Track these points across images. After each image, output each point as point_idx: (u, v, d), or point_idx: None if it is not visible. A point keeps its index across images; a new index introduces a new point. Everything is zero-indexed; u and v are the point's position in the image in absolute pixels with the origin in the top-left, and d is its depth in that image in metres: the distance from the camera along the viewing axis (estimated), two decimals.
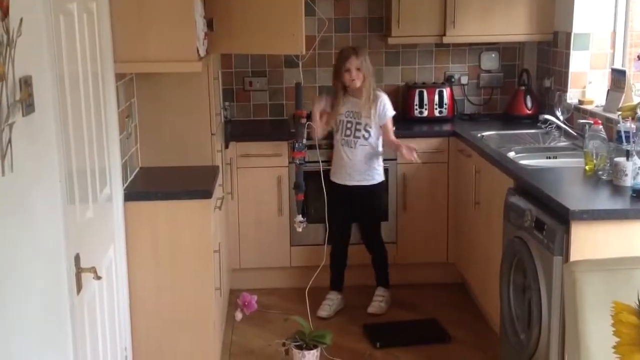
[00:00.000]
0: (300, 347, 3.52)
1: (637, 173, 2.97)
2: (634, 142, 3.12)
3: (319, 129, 3.97)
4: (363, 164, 4.06)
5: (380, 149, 4.11)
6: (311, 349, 3.52)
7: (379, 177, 4.14)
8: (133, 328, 3.17)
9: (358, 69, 3.95)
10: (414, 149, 3.97)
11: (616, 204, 2.85)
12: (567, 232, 2.78)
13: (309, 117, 3.90)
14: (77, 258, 2.29)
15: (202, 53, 3.15)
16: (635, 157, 2.99)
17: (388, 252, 4.31)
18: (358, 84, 3.97)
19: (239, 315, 3.62)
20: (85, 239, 2.46)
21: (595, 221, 2.75)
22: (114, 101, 2.95)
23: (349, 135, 4.04)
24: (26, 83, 1.81)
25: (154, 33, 2.99)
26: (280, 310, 4.14)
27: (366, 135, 4.04)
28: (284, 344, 3.60)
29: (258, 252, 4.48)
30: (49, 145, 2.07)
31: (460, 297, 4.47)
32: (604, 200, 2.94)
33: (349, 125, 4.04)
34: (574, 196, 2.98)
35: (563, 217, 2.80)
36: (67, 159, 2.23)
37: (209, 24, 3.37)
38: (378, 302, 4.21)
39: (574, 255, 2.76)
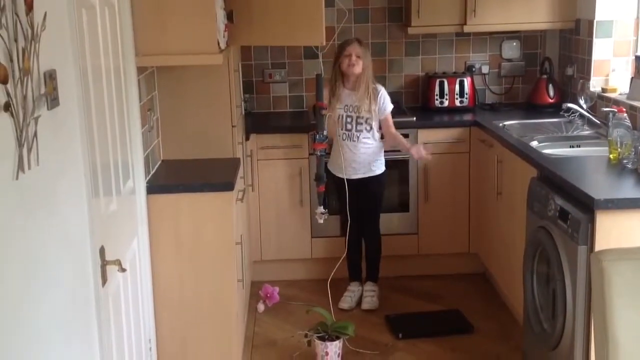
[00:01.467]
0: (322, 339, 3.53)
1: None
2: None
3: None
4: (367, 158, 4.02)
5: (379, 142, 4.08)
6: (333, 340, 3.52)
7: (381, 167, 4.10)
8: (157, 320, 3.18)
9: (358, 57, 3.88)
10: (421, 147, 3.95)
11: None
12: (592, 221, 2.75)
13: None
14: (102, 250, 2.30)
15: (223, 45, 3.15)
16: None
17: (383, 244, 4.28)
18: (357, 70, 3.89)
19: (261, 307, 3.64)
20: (110, 232, 2.48)
21: (620, 210, 2.72)
22: (135, 94, 2.96)
23: (350, 130, 3.98)
24: (51, 77, 1.82)
25: (175, 26, 3.00)
26: (302, 301, 4.15)
27: (368, 128, 3.99)
28: (306, 335, 3.61)
29: (279, 244, 4.49)
30: (73, 138, 2.08)
31: (482, 287, 4.45)
32: (629, 189, 2.91)
33: (349, 119, 3.97)
34: (598, 185, 2.95)
35: (588, 207, 2.78)
36: (91, 152, 2.24)
37: (229, 16, 3.37)
38: (370, 297, 4.18)
39: (599, 245, 2.74)
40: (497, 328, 3.92)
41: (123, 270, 2.41)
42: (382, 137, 4.07)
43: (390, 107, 4.04)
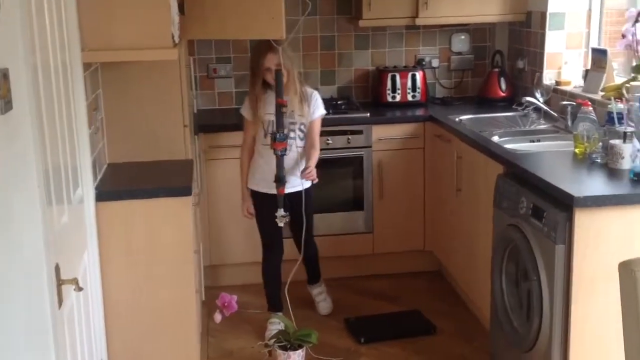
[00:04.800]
0: (284, 348, 3.36)
1: (637, 156, 2.89)
2: (628, 123, 3.04)
3: None
4: (299, 167, 3.62)
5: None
6: (296, 349, 3.36)
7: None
8: (108, 337, 2.94)
9: (278, 65, 3.46)
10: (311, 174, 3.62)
11: (618, 188, 2.75)
12: (570, 219, 2.67)
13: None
14: (57, 269, 2.06)
15: (177, 39, 2.92)
16: (635, 140, 2.90)
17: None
18: (283, 80, 3.48)
19: (218, 317, 3.42)
20: (64, 247, 2.24)
21: (598, 208, 2.65)
22: (82, 93, 2.71)
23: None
24: (4, 77, 1.59)
25: (125, 18, 2.75)
26: (258, 308, 3.95)
27: (301, 135, 3.64)
28: (266, 345, 3.43)
29: (230, 248, 4.28)
30: (26, 145, 1.85)
31: (439, 285, 4.37)
32: (604, 185, 2.85)
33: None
34: (572, 182, 2.87)
35: (564, 204, 2.70)
36: (43, 160, 2.01)
37: (180, 7, 3.14)
38: (324, 301, 4.03)
39: (578, 244, 2.67)
40: (460, 328, 3.83)
41: (80, 289, 2.17)
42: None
43: (322, 112, 3.70)
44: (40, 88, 2.04)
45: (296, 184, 3.63)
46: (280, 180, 3.39)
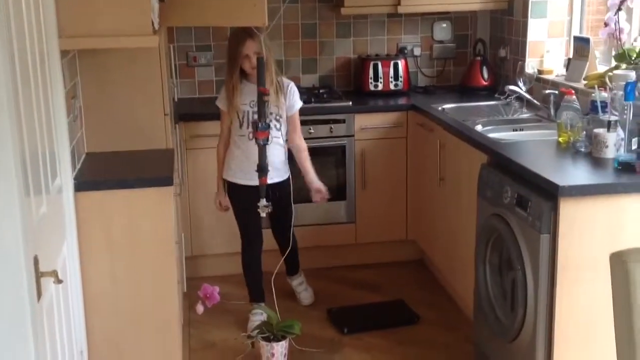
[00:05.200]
0: (267, 339, 3.32)
1: (621, 145, 2.88)
2: (612, 112, 3.03)
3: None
4: (277, 158, 3.59)
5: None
6: (279, 340, 3.33)
7: (288, 170, 3.70)
8: (88, 329, 2.89)
9: (257, 53, 3.42)
10: (323, 190, 3.73)
11: (603, 177, 2.74)
12: (555, 209, 2.66)
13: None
14: (35, 260, 2.01)
15: (157, 26, 2.86)
16: (619, 128, 2.89)
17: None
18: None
19: (200, 309, 3.38)
20: (42, 238, 2.18)
21: (583, 197, 2.64)
22: (60, 81, 2.64)
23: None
24: None
25: (104, 4, 2.67)
26: (240, 299, 3.91)
27: (278, 125, 3.58)
28: (249, 337, 3.40)
29: (212, 238, 4.24)
30: (3, 134, 1.79)
31: (422, 274, 4.36)
32: (588, 175, 2.83)
33: (255, 117, 3.45)
34: (557, 171, 2.86)
35: (549, 193, 2.68)
36: (21, 149, 1.95)
37: None
38: (305, 291, 4.00)
39: (563, 233, 2.66)
40: (443, 317, 3.83)
41: (60, 281, 2.13)
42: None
43: (299, 104, 3.66)
44: (17, 75, 1.98)
45: (277, 175, 3.60)
46: (262, 169, 3.35)
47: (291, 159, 3.75)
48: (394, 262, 4.46)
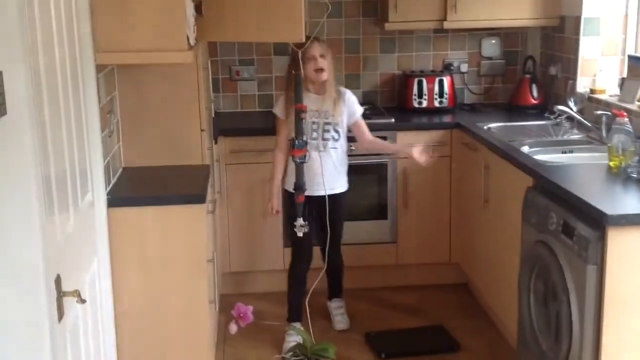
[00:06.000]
0: None
1: None
2: None
3: None
4: (335, 170, 3.60)
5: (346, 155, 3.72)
6: None
7: (346, 183, 3.71)
8: (119, 350, 2.85)
9: (322, 57, 3.46)
10: (421, 148, 3.62)
11: None
12: (603, 238, 2.51)
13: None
14: (57, 280, 1.97)
15: (192, 41, 2.82)
16: None
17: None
18: (325, 76, 3.49)
19: (233, 328, 3.29)
20: (67, 257, 2.14)
21: (633, 226, 2.49)
22: (94, 96, 2.62)
23: (316, 138, 3.54)
24: None
25: (140, 19, 2.65)
26: (276, 317, 3.83)
27: (336, 136, 3.58)
28: (283, 358, 3.32)
29: (249, 255, 4.18)
30: (23, 152, 1.75)
31: (465, 299, 4.21)
32: (639, 203, 2.68)
33: (315, 127, 3.53)
34: (605, 198, 2.72)
35: (597, 222, 2.54)
36: (45, 167, 1.91)
37: (197, 9, 3.04)
38: (341, 315, 3.89)
39: (610, 264, 2.51)
40: (484, 346, 3.68)
41: (83, 301, 2.08)
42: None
43: (360, 110, 3.70)
44: (43, 91, 1.95)
45: (335, 186, 3.60)
46: (299, 188, 3.27)
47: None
48: (436, 285, 4.32)
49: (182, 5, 2.68)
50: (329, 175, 3.53)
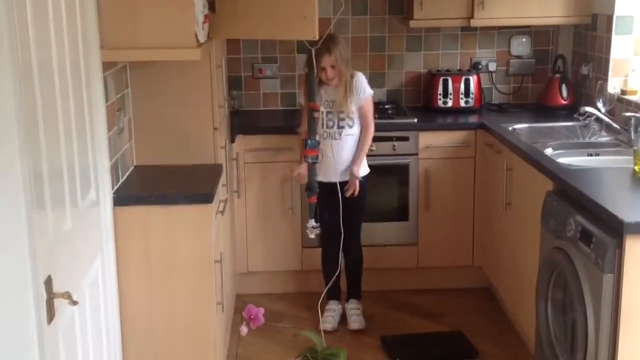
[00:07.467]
0: None
1: None
2: None
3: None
4: (350, 156, 3.64)
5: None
6: None
7: (365, 169, 3.70)
8: (124, 352, 2.82)
9: (333, 67, 3.51)
10: (357, 184, 3.61)
11: None
12: (620, 246, 2.40)
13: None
14: (48, 281, 1.94)
15: (202, 39, 2.78)
16: None
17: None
18: (334, 83, 3.55)
19: (244, 330, 3.24)
20: (61, 256, 2.11)
21: None
22: (100, 93, 2.59)
23: (331, 127, 3.59)
24: None
25: (147, 16, 2.62)
26: (290, 319, 3.79)
27: (350, 123, 3.61)
28: None
29: (267, 255, 4.13)
30: (9, 148, 1.72)
31: (487, 303, 4.10)
32: None
33: (330, 116, 3.59)
34: (625, 204, 2.59)
35: (615, 229, 2.42)
36: (35, 162, 1.88)
37: (210, 5, 2.99)
38: (356, 316, 3.81)
39: (628, 274, 2.40)
40: (504, 353, 3.57)
41: (74, 303, 2.04)
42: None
43: (369, 91, 3.63)
44: (35, 86, 1.92)
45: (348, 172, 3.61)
46: (311, 189, 3.21)
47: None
48: (457, 289, 4.22)
49: (191, 2, 2.64)
50: (344, 163, 3.58)
